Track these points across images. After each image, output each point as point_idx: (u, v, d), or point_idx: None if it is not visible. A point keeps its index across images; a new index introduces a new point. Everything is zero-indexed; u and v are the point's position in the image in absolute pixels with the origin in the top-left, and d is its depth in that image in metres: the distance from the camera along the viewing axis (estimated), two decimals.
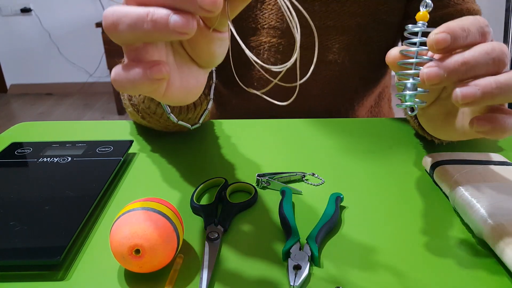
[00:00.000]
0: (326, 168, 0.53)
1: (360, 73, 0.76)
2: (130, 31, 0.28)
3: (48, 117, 3.14)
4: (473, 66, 0.32)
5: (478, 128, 0.33)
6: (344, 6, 0.68)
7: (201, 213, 0.43)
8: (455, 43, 0.32)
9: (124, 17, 0.28)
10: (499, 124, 0.33)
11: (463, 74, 0.32)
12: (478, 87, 0.31)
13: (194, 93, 0.35)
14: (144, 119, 0.56)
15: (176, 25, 0.27)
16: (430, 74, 0.32)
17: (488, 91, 0.31)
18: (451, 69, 0.32)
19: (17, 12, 3.41)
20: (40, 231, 0.39)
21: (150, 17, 0.27)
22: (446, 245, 0.39)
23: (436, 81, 0.32)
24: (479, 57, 0.32)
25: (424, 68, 0.32)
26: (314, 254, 0.36)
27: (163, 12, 0.27)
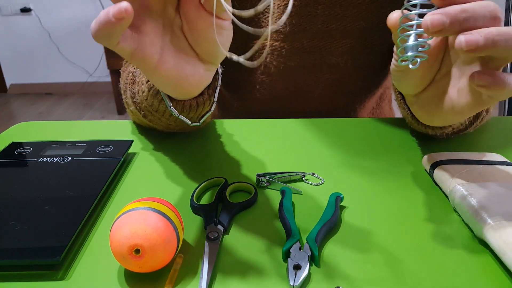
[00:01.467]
0: (326, 168, 0.53)
1: (362, 75, 0.76)
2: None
3: (48, 117, 3.14)
4: (472, 15, 0.33)
5: (479, 82, 0.34)
6: (347, 10, 0.67)
7: (201, 213, 0.43)
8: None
9: None
10: (499, 78, 0.34)
11: (463, 23, 0.33)
12: (481, 34, 0.33)
13: (190, 82, 0.36)
14: (146, 118, 0.56)
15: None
16: (434, 20, 0.33)
17: (490, 38, 0.33)
18: (453, 15, 0.33)
19: (17, 12, 3.41)
20: (40, 231, 0.39)
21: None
22: (446, 245, 0.39)
23: (439, 28, 0.33)
24: (476, 7, 0.34)
25: (427, 16, 0.34)
26: (314, 254, 0.36)
27: None
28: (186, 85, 0.36)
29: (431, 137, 0.59)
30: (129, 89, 0.55)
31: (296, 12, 0.67)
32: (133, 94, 0.54)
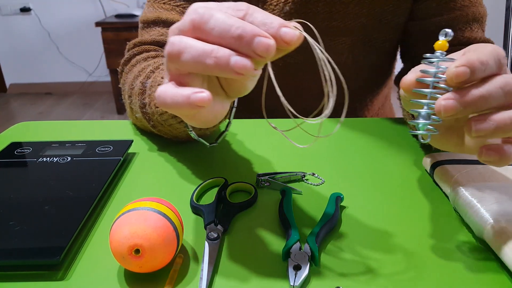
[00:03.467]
0: (326, 168, 0.53)
1: (363, 74, 0.76)
2: (193, 62, 0.31)
3: (48, 117, 3.14)
4: (488, 99, 0.33)
5: (487, 158, 0.34)
6: (348, 7, 0.67)
7: (201, 213, 0.43)
8: (473, 76, 0.32)
9: (190, 48, 0.31)
10: (505, 155, 0.34)
11: (478, 107, 0.33)
12: (493, 122, 0.33)
13: (218, 118, 0.38)
14: (154, 128, 0.55)
15: (236, 65, 0.30)
16: (447, 106, 0.33)
17: (502, 126, 0.33)
18: (468, 102, 0.32)
19: (16, 12, 3.41)
20: (40, 231, 0.39)
21: (214, 54, 0.30)
22: (446, 245, 0.39)
23: (452, 113, 0.33)
24: (494, 91, 0.33)
25: (442, 100, 0.33)
26: (314, 254, 0.36)
27: (226, 51, 0.30)
28: (214, 122, 0.37)
29: None
30: (138, 98, 0.54)
31: (296, 9, 0.67)
32: (143, 105, 0.54)
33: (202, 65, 0.31)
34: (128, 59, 0.65)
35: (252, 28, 0.30)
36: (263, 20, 0.31)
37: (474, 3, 0.67)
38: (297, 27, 0.31)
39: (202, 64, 0.31)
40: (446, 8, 0.66)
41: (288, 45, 0.31)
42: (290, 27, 0.31)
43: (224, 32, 0.30)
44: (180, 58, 0.31)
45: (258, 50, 0.30)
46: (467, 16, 0.66)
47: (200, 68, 0.31)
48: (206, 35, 0.31)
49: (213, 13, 0.31)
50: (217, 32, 0.31)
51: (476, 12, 0.67)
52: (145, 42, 0.66)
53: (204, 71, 0.31)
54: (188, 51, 0.31)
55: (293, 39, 0.31)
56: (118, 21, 2.95)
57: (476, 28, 0.68)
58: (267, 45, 0.30)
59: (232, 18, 0.31)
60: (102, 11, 3.37)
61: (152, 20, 0.68)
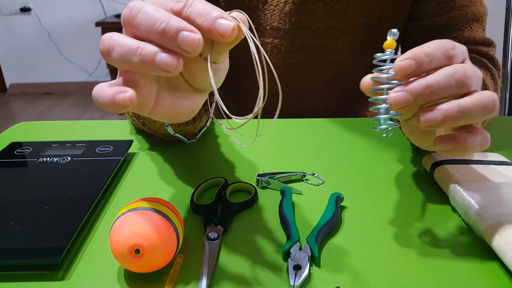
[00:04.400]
0: (326, 168, 0.53)
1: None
2: (120, 60, 0.30)
3: (48, 117, 3.14)
4: (437, 89, 0.33)
5: (441, 147, 0.34)
6: (348, 7, 0.67)
7: (201, 213, 0.43)
8: (419, 68, 0.33)
9: (118, 46, 0.30)
10: (460, 143, 0.34)
11: (428, 97, 0.33)
12: (440, 111, 0.33)
13: (188, 112, 0.36)
14: (144, 126, 0.56)
15: (162, 62, 0.29)
16: (397, 98, 0.33)
17: (450, 115, 0.33)
18: (416, 92, 0.33)
19: (16, 12, 3.41)
20: (40, 231, 0.39)
21: (139, 51, 0.29)
22: (446, 245, 0.39)
23: (403, 104, 0.33)
24: (442, 79, 0.33)
25: (392, 93, 0.34)
26: (314, 254, 0.36)
27: (152, 49, 0.29)
28: (182, 116, 0.36)
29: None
30: None
31: (296, 9, 0.67)
32: None
33: (130, 63, 0.30)
34: None
35: (177, 22, 0.29)
36: (200, 11, 0.30)
37: (474, 3, 0.66)
38: (235, 18, 0.30)
39: (129, 62, 0.30)
40: (445, 8, 0.66)
41: (223, 37, 0.29)
42: (227, 19, 0.29)
43: (150, 27, 0.29)
44: (110, 56, 0.30)
45: (182, 45, 0.28)
46: (467, 15, 0.66)
47: (128, 65, 0.30)
48: (136, 30, 0.30)
49: (143, 7, 0.30)
50: (144, 27, 0.29)
51: (476, 11, 0.67)
52: None
53: (133, 68, 0.30)
54: (116, 49, 0.30)
55: (227, 31, 0.29)
56: (118, 21, 2.95)
57: (476, 28, 0.68)
58: (192, 40, 0.28)
59: (160, 12, 0.29)
60: (102, 11, 3.36)
61: None
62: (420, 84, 0.33)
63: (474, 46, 0.68)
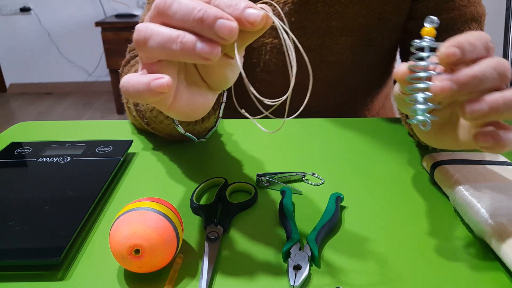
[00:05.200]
0: (326, 168, 0.53)
1: (363, 73, 0.76)
2: (159, 48, 0.31)
3: (48, 117, 3.14)
4: (481, 80, 0.33)
5: (483, 143, 0.34)
6: (347, 7, 0.67)
7: (201, 213, 0.43)
8: (464, 56, 0.33)
9: (156, 35, 0.31)
10: (501, 140, 0.34)
11: (473, 88, 0.33)
12: (486, 103, 0.33)
13: (201, 110, 0.37)
14: (148, 126, 0.56)
15: (202, 50, 0.30)
16: (444, 87, 0.33)
17: (495, 107, 0.32)
18: (462, 82, 0.33)
19: (16, 12, 3.41)
20: (40, 231, 0.39)
21: (180, 39, 0.30)
22: (446, 245, 0.39)
23: (449, 94, 0.33)
24: (487, 71, 0.33)
25: (437, 82, 0.33)
26: (314, 254, 0.36)
27: (191, 37, 0.30)
28: (196, 114, 0.37)
29: None
30: None
31: (296, 9, 0.67)
32: (136, 103, 0.54)
33: (169, 51, 0.30)
34: (128, 61, 0.66)
35: (214, 10, 0.30)
36: (228, 1, 0.30)
37: (472, 3, 0.67)
38: (264, 8, 0.31)
39: (169, 50, 0.30)
40: (444, 8, 0.66)
41: (253, 26, 0.30)
42: (255, 8, 0.30)
43: (186, 15, 0.30)
44: (146, 44, 0.31)
45: (220, 33, 0.29)
46: (466, 15, 0.66)
47: (167, 54, 0.31)
48: (170, 19, 0.31)
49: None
50: (179, 16, 0.30)
51: (474, 11, 0.67)
52: None
53: (171, 57, 0.31)
54: (154, 38, 0.30)
55: (257, 19, 0.30)
56: (118, 21, 2.95)
57: (475, 28, 0.68)
58: (230, 27, 0.29)
59: (194, 1, 0.30)
60: (102, 11, 3.36)
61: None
62: (467, 74, 0.33)
63: None
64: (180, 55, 0.30)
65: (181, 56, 0.30)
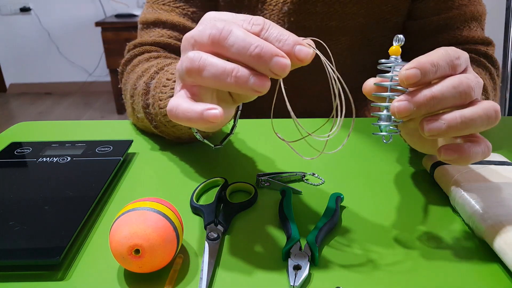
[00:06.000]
0: (326, 168, 0.53)
1: (362, 73, 0.76)
2: (213, 79, 0.32)
3: (48, 117, 3.14)
4: (440, 99, 0.34)
5: (445, 157, 0.35)
6: (346, 7, 0.67)
7: (201, 213, 0.43)
8: (424, 77, 0.33)
9: (210, 66, 0.32)
10: (465, 153, 0.34)
11: (431, 108, 0.34)
12: (444, 121, 0.33)
13: (225, 122, 0.38)
14: (156, 129, 0.55)
15: (255, 84, 0.31)
16: (400, 108, 0.34)
17: (453, 125, 0.33)
18: (419, 103, 0.34)
19: (16, 12, 3.41)
20: (40, 231, 0.39)
21: (234, 74, 0.31)
22: (446, 245, 0.39)
23: (406, 114, 0.34)
24: (446, 91, 0.33)
25: (395, 102, 0.34)
26: (314, 254, 0.36)
27: (246, 71, 0.31)
28: (220, 125, 0.38)
29: None
30: (142, 99, 0.54)
31: (295, 9, 0.67)
32: (146, 105, 0.54)
33: (222, 83, 0.31)
34: (129, 60, 0.65)
35: (270, 47, 0.31)
36: (278, 36, 0.32)
37: (472, 2, 0.67)
38: (310, 45, 0.32)
39: (223, 82, 0.31)
40: (444, 7, 0.66)
41: (301, 62, 0.32)
42: (304, 45, 0.32)
43: (244, 50, 0.31)
44: (200, 74, 0.32)
45: (275, 70, 0.31)
46: (465, 15, 0.66)
47: (220, 85, 0.32)
48: (224, 51, 0.32)
49: (232, 29, 0.32)
50: (236, 50, 0.31)
51: (474, 10, 0.67)
52: (146, 43, 0.66)
53: (224, 88, 0.32)
54: (209, 69, 0.32)
55: (307, 57, 0.32)
56: (118, 21, 2.95)
57: (475, 27, 0.68)
58: (284, 65, 0.31)
59: (250, 36, 0.31)
60: (102, 11, 3.36)
61: (152, 21, 0.68)
62: (424, 95, 0.34)
63: (472, 45, 0.68)
64: (233, 88, 0.32)
65: (234, 89, 0.32)
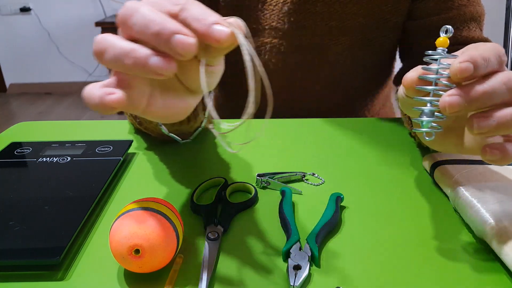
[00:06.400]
0: (326, 168, 0.53)
1: (363, 73, 0.76)
2: (113, 61, 0.30)
3: (48, 117, 3.14)
4: (491, 95, 0.32)
5: (490, 157, 0.34)
6: (346, 7, 0.67)
7: (201, 213, 0.43)
8: (476, 72, 0.32)
9: (110, 48, 0.30)
10: (508, 153, 0.34)
11: (482, 103, 0.33)
12: (494, 119, 0.32)
13: (181, 113, 0.36)
14: (141, 125, 0.56)
15: (154, 65, 0.28)
16: (452, 103, 0.32)
17: (503, 122, 0.32)
18: (472, 98, 0.32)
19: (16, 12, 3.41)
20: (40, 231, 0.39)
21: (132, 54, 0.29)
22: (446, 246, 0.39)
23: (457, 109, 0.33)
24: (497, 87, 0.32)
25: (446, 96, 0.33)
26: (314, 254, 0.36)
27: (144, 51, 0.29)
28: (175, 117, 0.36)
29: None
30: None
31: (295, 9, 0.67)
32: None
33: (122, 64, 0.29)
34: None
35: (172, 25, 0.28)
36: (197, 16, 0.29)
37: (471, 3, 0.67)
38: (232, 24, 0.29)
39: (122, 64, 0.29)
40: (443, 8, 0.66)
41: (218, 43, 0.29)
42: (223, 25, 0.29)
43: (144, 28, 0.29)
44: (102, 57, 0.30)
45: (176, 48, 0.28)
46: (465, 15, 0.66)
47: (121, 67, 0.30)
48: (130, 31, 0.30)
49: (139, 8, 0.29)
50: (138, 28, 0.29)
51: (473, 11, 0.67)
52: None
53: (125, 70, 0.30)
54: (109, 51, 0.30)
55: (222, 37, 0.28)
56: None
57: (474, 28, 0.68)
58: (186, 43, 0.28)
59: (155, 14, 0.29)
60: (102, 11, 3.36)
61: None
62: (477, 90, 0.32)
63: None
64: (132, 69, 0.29)
65: (134, 70, 0.29)
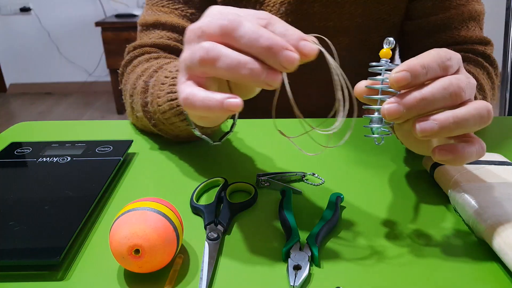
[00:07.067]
0: (326, 168, 0.53)
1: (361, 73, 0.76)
2: (227, 70, 0.32)
3: (48, 117, 3.14)
4: (431, 101, 0.34)
5: (440, 157, 0.35)
6: (344, 7, 0.67)
7: (201, 213, 0.43)
8: (415, 80, 0.34)
9: (225, 57, 0.32)
10: (459, 153, 0.34)
11: (421, 109, 0.34)
12: (436, 122, 0.33)
13: (224, 118, 0.39)
14: (155, 127, 0.55)
15: (268, 78, 0.31)
16: (390, 110, 0.34)
17: (446, 125, 0.33)
18: (409, 105, 0.34)
19: (16, 11, 3.41)
20: (40, 231, 0.39)
21: (249, 66, 0.31)
22: (446, 245, 0.39)
23: (396, 116, 0.34)
24: (436, 92, 0.34)
25: (385, 105, 0.35)
26: (314, 254, 0.36)
27: (258, 64, 0.31)
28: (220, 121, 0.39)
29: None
30: (140, 97, 0.54)
31: (292, 10, 0.67)
32: (145, 103, 0.54)
33: (236, 74, 0.32)
34: (129, 61, 0.65)
35: (280, 40, 0.31)
36: (284, 31, 0.32)
37: (470, 1, 0.66)
38: (315, 41, 0.32)
39: (237, 74, 0.31)
40: (442, 7, 0.66)
41: (306, 57, 0.32)
42: (308, 41, 0.32)
43: (254, 41, 0.31)
44: (214, 65, 0.32)
45: (284, 63, 0.31)
46: (463, 14, 0.66)
47: (234, 76, 0.32)
48: (234, 42, 0.32)
49: (242, 21, 0.32)
50: (246, 41, 0.31)
51: (472, 10, 0.66)
52: (145, 45, 0.66)
53: (236, 79, 0.32)
54: (223, 60, 0.31)
55: (311, 52, 0.32)
56: (118, 21, 2.95)
57: (473, 27, 0.67)
58: (293, 58, 0.31)
59: (260, 28, 0.31)
60: (102, 11, 3.36)
61: (151, 23, 0.68)
62: (414, 97, 0.34)
63: (470, 45, 0.67)
64: (246, 80, 0.32)
65: (247, 81, 0.32)
